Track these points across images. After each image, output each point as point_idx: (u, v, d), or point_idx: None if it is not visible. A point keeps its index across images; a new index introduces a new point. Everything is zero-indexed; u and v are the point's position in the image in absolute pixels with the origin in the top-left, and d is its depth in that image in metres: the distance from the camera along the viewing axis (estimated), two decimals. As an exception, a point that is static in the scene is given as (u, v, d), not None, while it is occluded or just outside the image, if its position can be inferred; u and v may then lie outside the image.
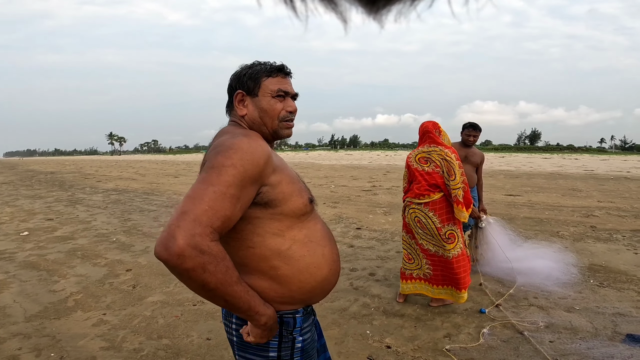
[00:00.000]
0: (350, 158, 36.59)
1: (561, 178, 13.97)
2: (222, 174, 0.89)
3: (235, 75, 1.14)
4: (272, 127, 1.12)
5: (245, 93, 1.11)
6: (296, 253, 1.01)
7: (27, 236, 5.72)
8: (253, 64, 1.13)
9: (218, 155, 0.93)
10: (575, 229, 5.71)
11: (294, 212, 1.02)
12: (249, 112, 1.11)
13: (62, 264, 4.30)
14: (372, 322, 2.78)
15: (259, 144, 0.99)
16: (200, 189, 0.87)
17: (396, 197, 9.02)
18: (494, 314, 2.90)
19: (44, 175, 20.16)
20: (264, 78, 1.10)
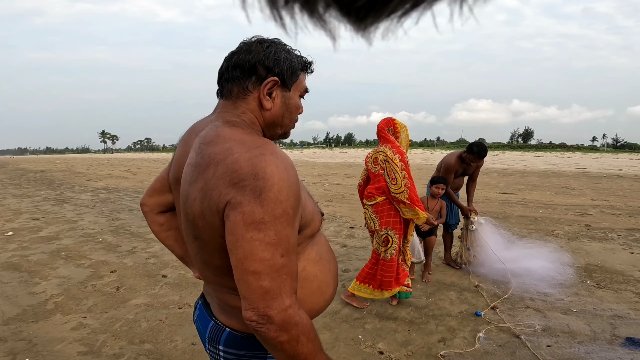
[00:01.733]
0: (345, 156, 36.43)
1: (554, 176, 14.00)
2: (278, 227, 0.72)
3: (266, 53, 0.85)
4: (287, 129, 0.95)
5: (279, 83, 0.87)
6: (310, 274, 0.91)
7: (11, 236, 5.55)
8: (288, 49, 0.89)
9: (261, 201, 0.71)
10: (569, 227, 5.66)
11: (312, 233, 0.91)
12: (275, 108, 0.88)
13: (44, 265, 4.15)
14: (364, 326, 2.68)
15: (288, 161, 0.77)
16: (269, 258, 0.72)
17: (390, 196, 8.94)
18: (490, 317, 2.81)
19: (33, 174, 19.84)
20: (300, 72, 0.91)
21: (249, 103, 0.87)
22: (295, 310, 0.75)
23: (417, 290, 3.30)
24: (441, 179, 3.63)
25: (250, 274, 0.72)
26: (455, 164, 3.77)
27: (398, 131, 2.92)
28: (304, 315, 0.77)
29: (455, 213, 3.95)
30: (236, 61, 0.85)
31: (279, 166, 0.73)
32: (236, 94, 0.87)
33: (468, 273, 3.70)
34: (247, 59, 0.84)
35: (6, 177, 17.34)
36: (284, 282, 0.74)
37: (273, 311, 0.73)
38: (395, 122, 2.94)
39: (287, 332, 0.74)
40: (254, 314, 0.73)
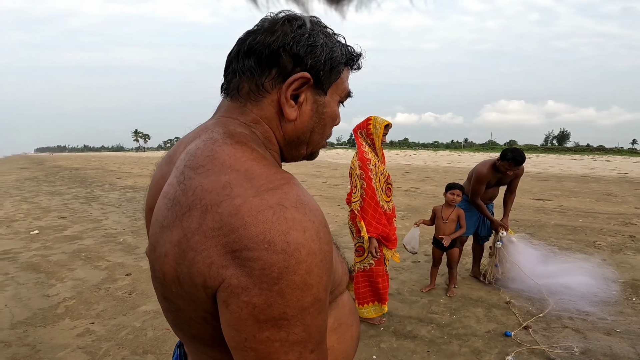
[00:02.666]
0: (370, 158, 35.97)
1: (593, 181, 13.17)
2: (307, 321, 0.49)
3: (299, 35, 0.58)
4: (315, 148, 0.68)
5: (312, 82, 0.59)
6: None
7: (37, 235, 5.68)
8: (329, 32, 0.62)
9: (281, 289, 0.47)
10: (612, 238, 5.20)
11: (335, 299, 0.68)
12: (302, 119, 0.62)
13: (62, 266, 4.17)
14: (379, 345, 2.46)
15: (319, 217, 0.52)
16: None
17: (414, 200, 8.62)
18: (521, 338, 2.53)
19: (68, 171, 20.66)
20: (342, 67, 0.63)
21: (264, 108, 0.60)
22: None
23: (440, 306, 3.05)
24: (457, 185, 3.33)
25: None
26: (488, 173, 3.37)
27: (371, 132, 2.63)
28: None
29: (488, 224, 3.63)
30: (251, 44, 0.58)
31: (307, 230, 0.48)
32: (246, 93, 0.60)
33: (498, 288, 3.41)
34: (268, 42, 0.57)
35: (42, 175, 18.12)
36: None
37: None
38: (370, 123, 2.65)
39: None
40: None
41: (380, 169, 2.65)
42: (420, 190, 10.42)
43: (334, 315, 0.68)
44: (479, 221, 3.61)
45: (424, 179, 13.64)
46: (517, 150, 3.28)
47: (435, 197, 8.90)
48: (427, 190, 10.40)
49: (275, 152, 0.63)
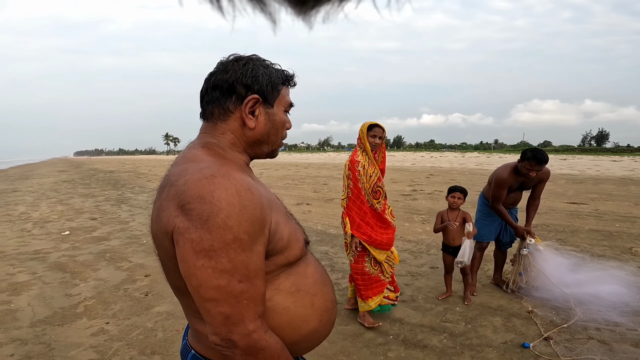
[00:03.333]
0: (393, 159, 35.39)
1: (633, 184, 12.38)
2: (231, 254, 0.70)
3: (244, 70, 0.84)
4: (274, 146, 0.93)
5: (261, 100, 0.85)
6: (278, 305, 0.84)
7: (67, 236, 5.93)
8: (264, 63, 0.88)
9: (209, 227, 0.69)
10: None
11: (288, 261, 0.85)
12: (259, 126, 0.87)
13: (88, 267, 4.32)
14: (386, 354, 2.38)
15: (242, 184, 0.74)
16: (225, 285, 0.71)
17: (438, 203, 8.39)
18: (541, 350, 2.39)
19: (103, 174, 21.59)
20: (281, 86, 0.89)
21: (230, 123, 0.86)
22: (261, 335, 0.74)
23: (456, 314, 2.92)
24: (458, 187, 3.17)
25: (207, 301, 0.71)
26: (509, 177, 3.17)
27: (360, 138, 2.77)
28: (272, 339, 0.77)
29: (510, 230, 3.45)
30: (214, 82, 0.85)
31: (228, 189, 0.71)
32: (217, 115, 0.86)
33: (521, 297, 3.24)
34: (225, 79, 0.84)
35: (79, 177, 19.02)
36: (246, 307, 0.73)
37: (236, 336, 0.73)
38: (360, 130, 2.78)
39: (253, 356, 0.74)
40: (217, 338, 0.74)
41: (370, 171, 2.70)
42: (444, 193, 10.12)
43: (292, 280, 0.85)
44: (501, 227, 3.44)
45: (450, 182, 13.28)
46: (538, 149, 3.09)
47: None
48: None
49: (239, 152, 0.88)
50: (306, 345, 0.91)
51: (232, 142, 0.86)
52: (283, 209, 0.88)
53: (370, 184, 2.68)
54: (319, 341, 0.93)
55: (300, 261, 0.88)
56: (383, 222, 2.77)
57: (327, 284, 0.94)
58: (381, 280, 2.82)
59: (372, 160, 2.72)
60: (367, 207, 2.68)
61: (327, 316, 0.91)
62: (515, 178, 3.20)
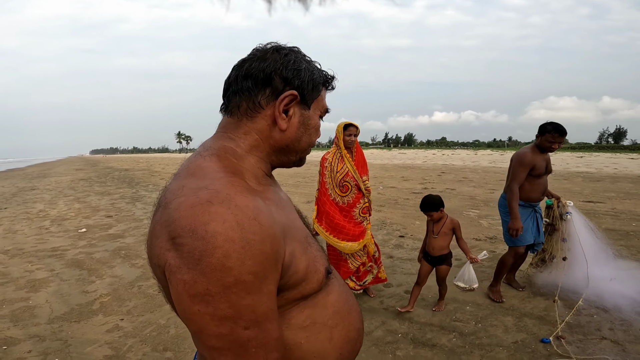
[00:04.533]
0: (404, 157, 35.16)
1: (653, 181, 12.07)
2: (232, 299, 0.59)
3: (284, 61, 0.73)
4: (302, 155, 0.81)
5: (299, 98, 0.73)
6: (289, 341, 0.72)
7: (84, 233, 6.08)
8: (308, 59, 0.77)
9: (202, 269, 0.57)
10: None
11: (302, 295, 0.73)
12: (291, 129, 0.75)
13: (104, 264, 4.42)
14: (395, 353, 2.39)
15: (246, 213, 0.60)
16: (227, 333, 0.60)
17: (449, 202, 8.33)
18: (551, 349, 2.36)
19: (118, 172, 21.98)
20: (321, 87, 0.78)
21: (257, 121, 0.73)
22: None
23: (466, 314, 2.91)
24: (429, 206, 2.82)
25: (210, 350, 0.61)
26: (533, 154, 2.93)
27: (336, 137, 3.08)
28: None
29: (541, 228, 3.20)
30: (248, 69, 0.72)
31: (227, 221, 0.58)
32: (244, 110, 0.73)
33: (532, 295, 3.20)
34: (262, 68, 0.71)
35: (95, 175, 19.41)
36: (255, 356, 0.62)
37: None
38: (337, 129, 3.08)
39: None
40: None
41: (337, 168, 3.03)
42: (456, 191, 10.06)
43: (306, 313, 0.74)
44: (530, 226, 3.13)
45: (462, 180, 13.15)
46: (553, 122, 2.93)
47: (473, 199, 8.56)
48: (463, 191, 10.02)
49: (259, 158, 0.75)
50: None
51: (255, 145, 0.74)
52: (302, 234, 0.75)
53: (336, 180, 3.03)
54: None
55: (319, 292, 0.76)
56: (345, 216, 3.04)
57: (352, 312, 0.82)
58: (348, 268, 3.09)
59: (345, 157, 3.05)
60: (328, 199, 3.05)
61: (348, 348, 0.80)
62: (539, 157, 2.96)
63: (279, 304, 0.68)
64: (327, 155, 3.13)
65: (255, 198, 0.65)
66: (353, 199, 3.05)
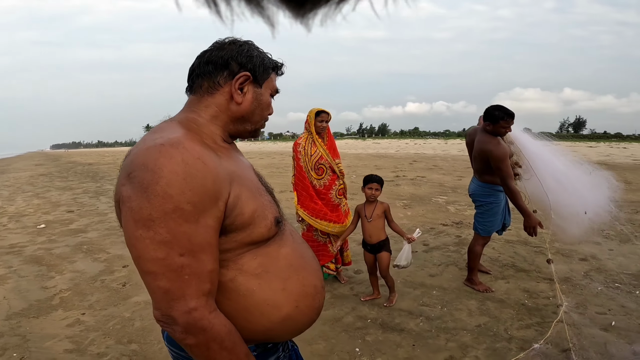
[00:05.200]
0: (377, 147, 35.57)
1: (609, 169, 12.71)
2: (171, 225, 0.67)
3: (239, 50, 0.87)
4: (257, 126, 0.95)
5: (252, 78, 0.88)
6: (242, 287, 0.80)
7: (43, 229, 5.78)
8: (260, 50, 0.92)
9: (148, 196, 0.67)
10: (622, 227, 5.01)
11: (253, 239, 0.81)
12: (246, 103, 0.89)
13: (64, 259, 4.23)
14: (364, 338, 2.42)
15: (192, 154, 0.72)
16: (163, 258, 0.68)
17: (420, 189, 8.50)
18: (512, 333, 2.45)
19: (81, 167, 21.06)
20: (271, 71, 0.94)
21: (217, 97, 0.87)
22: (204, 314, 0.71)
23: (433, 298, 2.98)
24: (374, 177, 2.86)
25: (147, 274, 0.69)
26: (503, 144, 2.87)
27: (307, 122, 3.15)
28: (218, 320, 0.73)
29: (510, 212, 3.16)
30: (209, 57, 0.87)
31: (174, 157, 0.69)
32: (206, 88, 0.87)
33: (494, 279, 3.32)
34: (220, 55, 0.86)
35: (56, 170, 18.50)
36: (187, 283, 0.69)
37: (176, 312, 0.70)
38: (308, 115, 3.15)
39: (193, 336, 0.71)
40: (159, 313, 0.72)
41: (310, 151, 3.08)
42: (426, 179, 10.27)
43: (258, 261, 0.82)
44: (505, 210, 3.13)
45: (432, 168, 13.44)
46: (499, 106, 2.90)
47: (442, 186, 8.77)
48: (433, 178, 10.24)
49: (219, 126, 0.87)
50: (282, 333, 0.86)
51: (215, 115, 0.87)
52: (254, 185, 0.85)
53: (311, 163, 3.08)
54: (299, 328, 0.89)
55: (271, 241, 0.84)
56: (322, 199, 3.11)
57: (306, 267, 0.90)
58: (329, 252, 3.18)
59: (317, 142, 3.10)
60: (308, 182, 3.09)
61: (306, 302, 0.87)
62: (505, 143, 2.92)
63: (230, 246, 0.78)
64: (299, 140, 3.17)
65: (205, 147, 0.77)
66: (329, 180, 3.13)
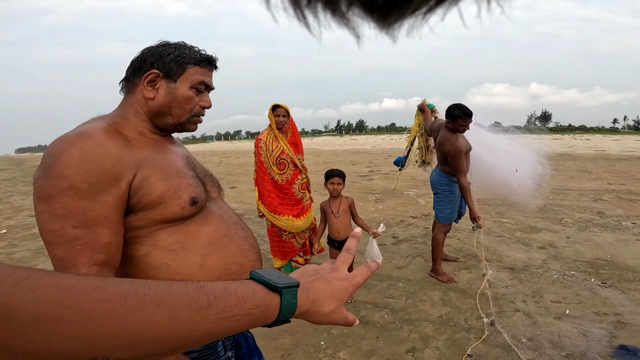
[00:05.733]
0: (354, 143, 35.83)
1: (571, 159, 13.35)
2: (65, 200, 0.76)
3: (154, 51, 0.97)
4: (180, 119, 0.99)
5: (162, 75, 0.96)
6: (156, 260, 0.85)
7: (4, 234, 5.55)
8: (180, 46, 0.99)
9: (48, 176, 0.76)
10: (581, 215, 5.27)
11: (165, 218, 0.87)
12: (159, 98, 0.96)
13: (24, 263, 4.08)
14: (329, 331, 2.45)
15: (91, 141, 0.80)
16: (58, 229, 0.75)
17: (392, 182, 8.63)
18: (472, 323, 2.52)
19: (47, 168, 20.15)
20: (190, 66, 0.98)
21: (136, 94, 0.96)
22: None
23: (398, 290, 3.05)
24: (336, 171, 2.87)
25: (46, 244, 0.77)
26: (460, 140, 3.04)
27: (268, 116, 3.12)
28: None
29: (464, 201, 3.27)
30: (131, 62, 0.98)
31: (74, 144, 0.78)
32: (128, 88, 0.98)
33: (457, 269, 3.42)
34: (137, 58, 0.97)
35: (20, 175, 17.66)
36: (80, 253, 0.76)
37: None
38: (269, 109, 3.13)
39: None
40: None
41: (272, 146, 3.07)
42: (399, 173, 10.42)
43: (175, 238, 0.87)
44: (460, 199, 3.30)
45: (406, 163, 13.64)
46: (459, 105, 3.06)
47: (414, 179, 8.92)
48: (406, 172, 10.37)
49: (144, 120, 0.96)
50: None
51: (137, 111, 0.96)
52: (172, 169, 0.91)
53: (273, 158, 3.06)
54: None
55: (192, 220, 0.90)
56: (285, 194, 3.11)
57: (230, 246, 0.93)
58: (293, 246, 3.19)
59: (278, 137, 3.09)
60: (268, 178, 3.08)
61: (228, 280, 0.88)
62: (462, 139, 3.10)
63: (142, 223, 0.84)
64: (261, 136, 3.16)
65: (115, 136, 0.85)
66: (291, 175, 3.12)
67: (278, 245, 3.21)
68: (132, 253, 0.85)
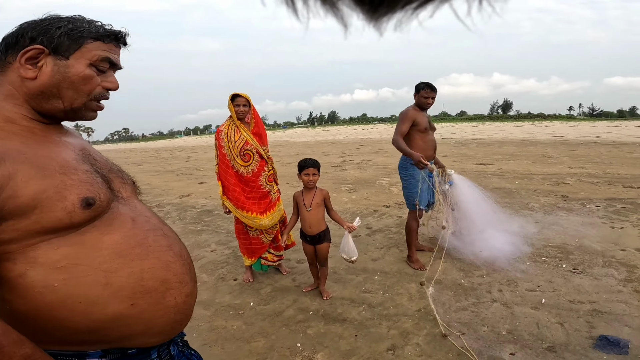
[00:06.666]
0: (327, 134, 35.66)
1: (532, 145, 13.84)
2: None
3: (36, 24, 0.80)
4: (75, 104, 0.82)
5: (48, 51, 0.78)
6: (36, 283, 0.68)
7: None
8: (76, 19, 0.83)
9: None
10: (546, 199, 5.39)
11: (43, 227, 0.69)
12: (43, 77, 0.79)
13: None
14: (306, 331, 2.32)
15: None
16: None
17: (365, 172, 8.58)
18: (452, 315, 2.46)
19: None
20: (89, 40, 0.82)
21: (8, 75, 0.80)
22: None
23: (375, 284, 2.95)
24: (310, 161, 2.67)
25: None
26: (412, 110, 3.19)
27: (229, 108, 2.93)
28: None
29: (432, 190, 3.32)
30: (4, 37, 0.81)
31: None
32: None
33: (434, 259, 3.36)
34: (12, 33, 0.80)
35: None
36: None
37: None
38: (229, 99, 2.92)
39: None
40: None
41: (234, 138, 2.88)
42: (372, 162, 10.42)
43: (63, 252, 0.70)
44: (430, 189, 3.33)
45: (377, 151, 13.69)
46: (426, 81, 3.25)
47: (386, 168, 8.92)
48: (378, 162, 10.41)
49: (17, 104, 0.80)
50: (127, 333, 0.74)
51: (9, 94, 0.80)
52: (56, 163, 0.74)
53: (236, 150, 2.88)
54: (152, 329, 0.77)
55: (88, 228, 0.73)
56: (252, 188, 2.94)
57: (147, 259, 0.77)
58: (262, 243, 3.04)
59: (240, 127, 2.91)
60: (232, 171, 2.91)
61: (147, 300, 0.75)
62: (419, 113, 3.20)
63: (11, 236, 0.67)
64: (221, 127, 2.96)
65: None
66: (257, 167, 2.94)
67: (245, 243, 3.06)
68: (3, 274, 0.68)
